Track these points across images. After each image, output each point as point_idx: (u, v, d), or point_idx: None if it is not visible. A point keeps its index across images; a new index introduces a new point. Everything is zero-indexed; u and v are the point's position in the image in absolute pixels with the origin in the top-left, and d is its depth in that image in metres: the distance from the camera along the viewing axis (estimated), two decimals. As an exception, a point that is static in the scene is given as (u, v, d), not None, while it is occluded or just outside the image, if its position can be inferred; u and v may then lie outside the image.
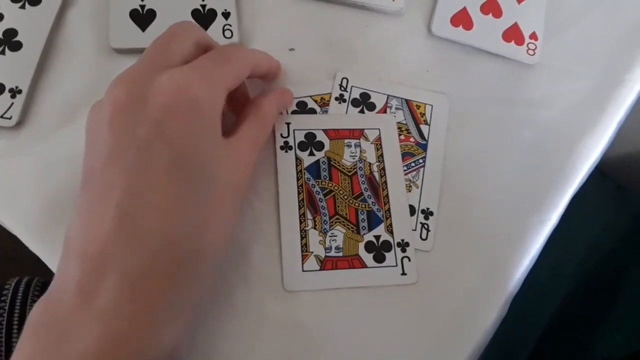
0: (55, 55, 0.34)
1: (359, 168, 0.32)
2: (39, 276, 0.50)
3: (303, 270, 0.30)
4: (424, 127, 0.34)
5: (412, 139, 0.33)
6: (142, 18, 0.34)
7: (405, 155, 0.33)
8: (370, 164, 0.32)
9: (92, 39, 0.34)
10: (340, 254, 0.30)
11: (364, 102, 0.34)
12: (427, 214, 0.31)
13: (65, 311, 0.22)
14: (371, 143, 0.33)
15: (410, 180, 0.32)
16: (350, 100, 0.34)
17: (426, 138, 0.34)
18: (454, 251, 0.31)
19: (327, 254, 0.30)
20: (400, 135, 0.33)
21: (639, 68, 0.36)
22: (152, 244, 0.23)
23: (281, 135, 0.32)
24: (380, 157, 0.32)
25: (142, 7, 0.34)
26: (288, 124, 0.33)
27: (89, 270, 0.22)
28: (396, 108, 0.34)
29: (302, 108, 0.33)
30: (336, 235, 0.30)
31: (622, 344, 0.44)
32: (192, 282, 0.24)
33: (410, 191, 0.32)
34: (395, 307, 0.30)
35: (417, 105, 0.34)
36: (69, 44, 0.34)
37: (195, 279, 0.25)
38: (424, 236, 0.31)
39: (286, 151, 0.32)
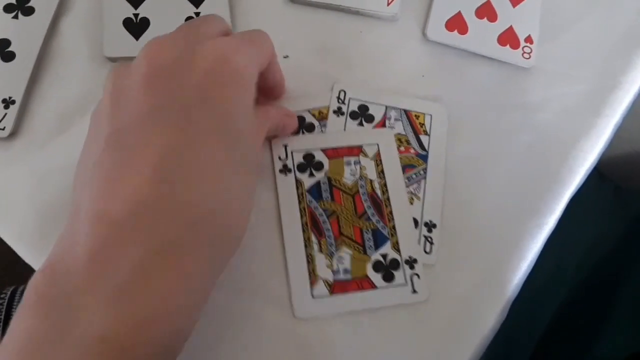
0: (49, 64, 0.34)
1: (361, 186, 0.31)
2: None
3: (313, 297, 0.29)
4: (423, 138, 0.33)
5: (412, 150, 0.33)
6: (136, 27, 0.34)
7: (406, 167, 0.32)
8: (371, 180, 0.32)
9: (85, 48, 0.34)
10: (349, 277, 0.29)
11: (362, 115, 0.34)
12: (431, 226, 0.31)
13: (75, 284, 0.19)
14: (371, 159, 0.32)
15: (411, 193, 0.32)
16: (349, 112, 0.33)
17: (426, 149, 0.33)
18: (452, 256, 0.31)
19: (336, 277, 0.29)
20: (400, 146, 0.33)
21: (634, 70, 0.36)
22: (188, 214, 0.20)
23: (279, 158, 0.32)
24: (381, 173, 0.32)
25: (136, 15, 0.34)
26: (285, 145, 0.32)
27: (106, 237, 0.19)
28: (395, 119, 0.34)
29: (301, 122, 0.33)
30: (343, 257, 0.30)
31: (622, 346, 0.44)
32: (219, 261, 0.23)
33: (412, 204, 0.31)
34: (394, 313, 0.29)
35: (416, 116, 0.34)
36: (62, 54, 0.34)
37: (222, 258, 0.23)
38: (427, 249, 0.31)
39: (285, 174, 0.31)
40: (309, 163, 0.32)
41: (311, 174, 0.31)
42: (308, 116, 0.33)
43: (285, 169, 0.31)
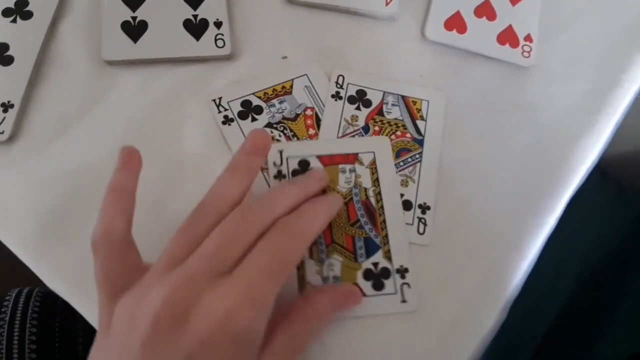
0: (47, 68, 0.34)
1: (355, 194, 0.31)
2: (39, 286, 0.50)
3: None
4: (420, 123, 0.34)
5: (408, 135, 0.33)
6: (134, 30, 0.34)
7: (401, 150, 0.32)
8: (366, 189, 0.31)
9: (84, 51, 0.34)
10: (339, 284, 0.29)
11: (360, 99, 0.34)
12: (424, 208, 0.31)
13: None
14: (366, 167, 0.32)
15: (406, 176, 0.32)
16: (347, 97, 0.34)
17: (422, 133, 0.33)
18: (451, 255, 0.31)
19: (325, 284, 0.29)
20: (396, 131, 0.33)
21: (635, 68, 0.36)
22: None
23: (274, 163, 0.31)
24: (376, 182, 0.31)
25: (134, 18, 0.34)
26: (281, 151, 0.32)
27: None
28: (392, 104, 0.34)
29: (247, 107, 0.33)
30: (333, 264, 0.30)
31: (625, 345, 0.44)
32: None
33: (407, 186, 0.32)
34: (393, 315, 0.29)
35: (413, 101, 0.34)
36: (61, 57, 0.34)
37: None
38: (421, 230, 0.31)
39: (279, 180, 0.31)
40: (304, 170, 0.31)
41: None
42: (254, 99, 0.33)
43: (279, 175, 0.31)
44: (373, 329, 0.29)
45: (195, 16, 0.34)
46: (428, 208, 0.31)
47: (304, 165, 0.31)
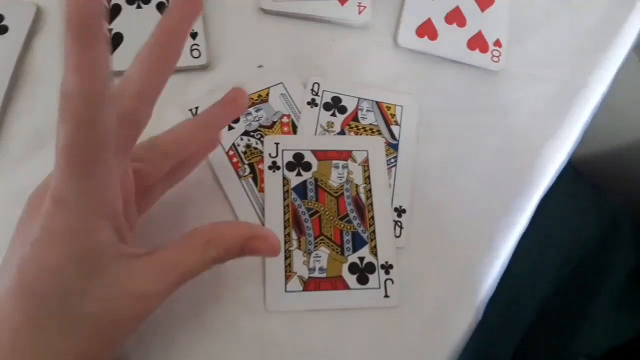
0: (24, 83, 0.34)
1: (346, 189, 0.32)
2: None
3: (286, 291, 0.29)
4: (394, 128, 0.34)
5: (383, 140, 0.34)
6: (109, 42, 0.34)
7: None
8: (357, 185, 0.32)
9: (59, 65, 0.34)
10: (324, 275, 0.30)
11: (335, 106, 0.35)
12: (400, 211, 0.32)
13: None
14: (359, 164, 0.33)
15: None
16: (322, 104, 0.35)
17: (397, 138, 0.34)
18: (427, 257, 0.31)
19: (311, 275, 0.30)
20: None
21: (601, 70, 0.37)
22: None
23: (269, 155, 0.32)
24: (367, 179, 0.32)
25: (109, 31, 0.34)
26: (277, 143, 0.33)
27: None
28: (367, 110, 0.35)
29: None
30: (320, 256, 0.30)
31: (602, 340, 0.45)
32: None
33: None
34: (368, 315, 0.30)
35: (387, 107, 0.35)
36: (36, 72, 0.34)
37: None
38: (397, 233, 0.32)
39: (274, 171, 0.32)
40: (298, 162, 0.32)
41: (299, 174, 0.32)
42: None
43: (274, 166, 0.32)
44: (347, 326, 0.29)
45: (170, 28, 0.35)
46: (404, 211, 0.32)
47: (298, 158, 0.33)
